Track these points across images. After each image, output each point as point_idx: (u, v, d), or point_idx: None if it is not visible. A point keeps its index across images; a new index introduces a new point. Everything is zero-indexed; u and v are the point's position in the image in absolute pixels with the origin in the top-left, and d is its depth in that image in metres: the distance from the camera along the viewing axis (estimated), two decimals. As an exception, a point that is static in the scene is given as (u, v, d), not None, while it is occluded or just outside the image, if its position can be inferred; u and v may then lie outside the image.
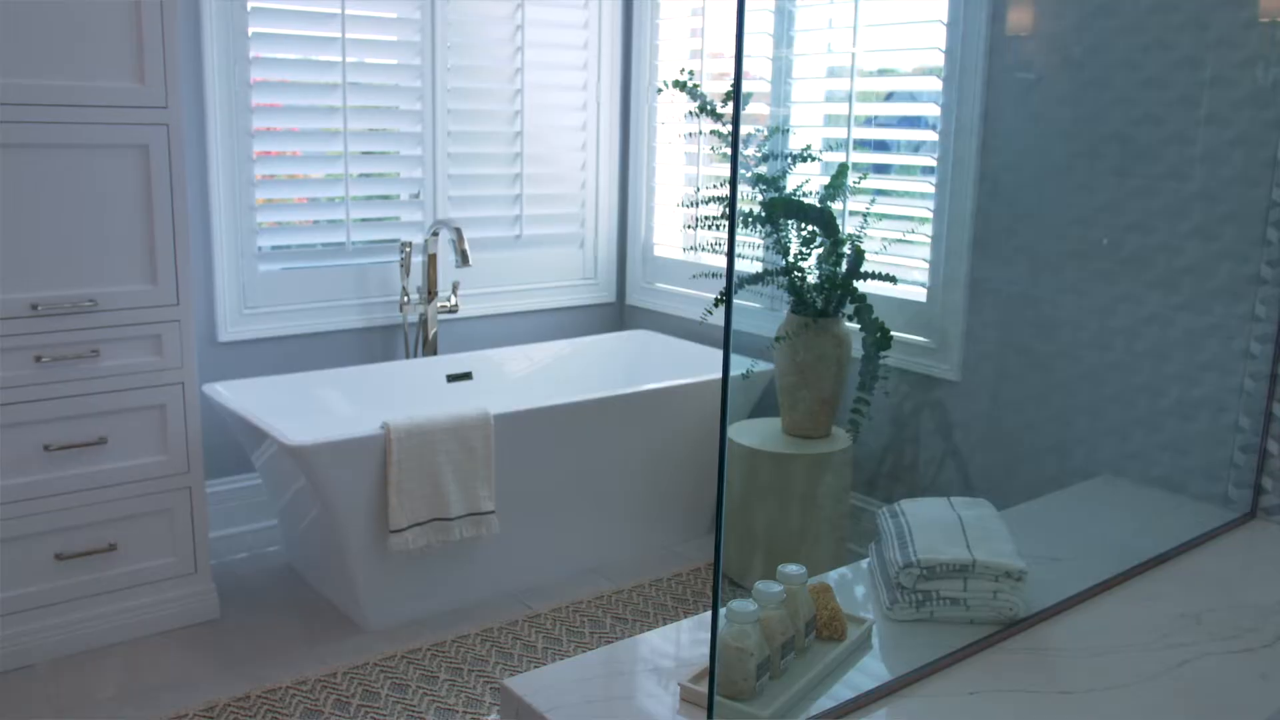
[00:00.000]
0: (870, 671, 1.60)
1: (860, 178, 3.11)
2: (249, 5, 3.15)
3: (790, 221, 2.98)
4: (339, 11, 3.29)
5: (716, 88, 3.58)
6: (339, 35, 3.30)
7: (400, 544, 2.70)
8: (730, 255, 1.15)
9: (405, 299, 3.47)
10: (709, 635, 1.80)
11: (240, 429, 2.90)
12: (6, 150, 2.41)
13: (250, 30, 3.16)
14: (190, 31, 3.06)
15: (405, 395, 3.36)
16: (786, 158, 3.12)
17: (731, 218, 1.12)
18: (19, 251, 2.46)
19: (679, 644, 1.79)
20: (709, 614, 1.94)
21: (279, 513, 3.14)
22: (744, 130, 3.26)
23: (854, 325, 2.95)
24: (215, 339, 3.24)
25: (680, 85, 3.09)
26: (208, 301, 3.22)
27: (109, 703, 2.45)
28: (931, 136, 3.03)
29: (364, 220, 3.49)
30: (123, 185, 2.56)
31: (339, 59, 3.31)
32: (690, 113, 3.19)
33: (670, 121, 3.87)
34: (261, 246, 3.31)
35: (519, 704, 1.49)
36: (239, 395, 2.97)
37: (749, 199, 3.08)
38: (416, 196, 3.58)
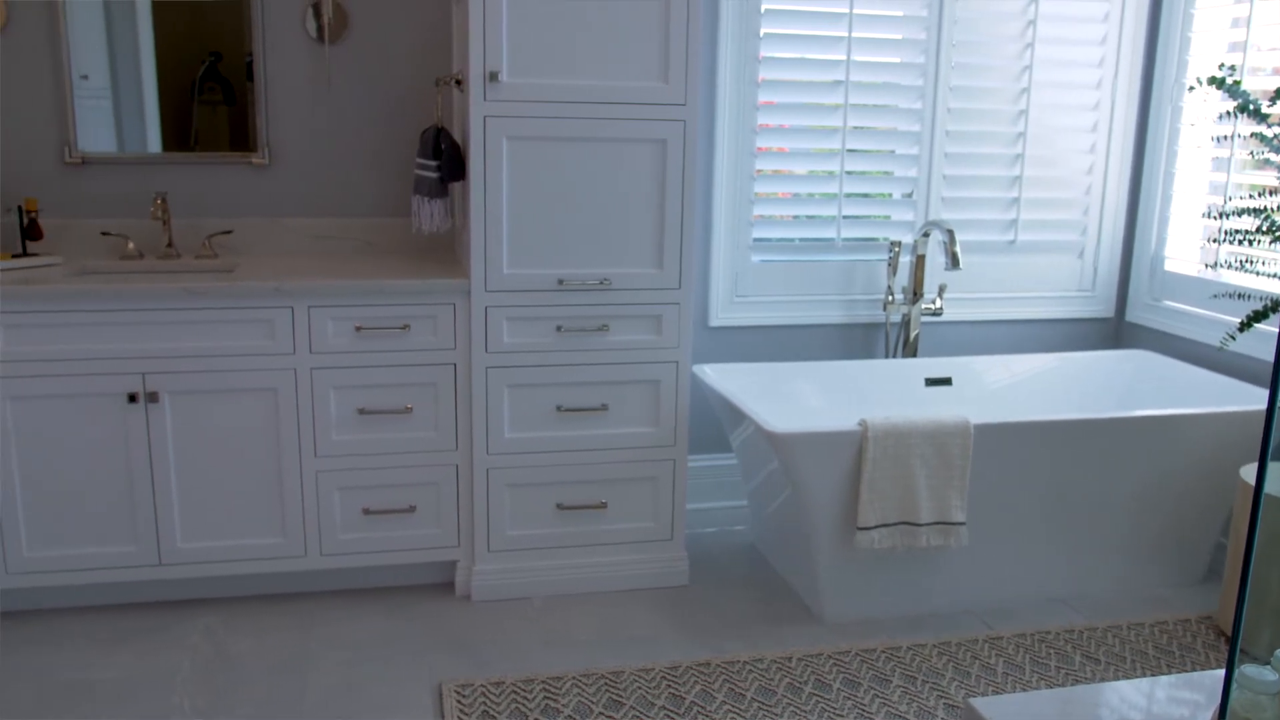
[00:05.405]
0: None
1: None
2: (762, 7, 3.29)
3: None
4: (847, 11, 3.33)
5: (1259, 84, 3.17)
6: (845, 35, 3.35)
7: (866, 541, 2.70)
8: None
9: (889, 298, 3.46)
10: (1197, 696, 1.61)
11: (723, 410, 3.06)
12: (548, 143, 2.72)
13: (762, 31, 3.31)
14: (708, 34, 3.26)
15: (880, 394, 3.35)
16: (1346, 165, 2.69)
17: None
18: (552, 231, 2.77)
19: (1153, 699, 1.62)
20: (1201, 673, 1.73)
21: (749, 494, 3.27)
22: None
23: None
24: (706, 323, 3.44)
25: (1218, 82, 2.77)
26: (702, 287, 3.42)
27: (587, 644, 2.70)
28: None
29: (853, 217, 3.51)
30: (639, 176, 2.79)
31: (843, 58, 3.36)
32: (1226, 113, 2.86)
33: (1200, 123, 3.49)
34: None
35: (985, 727, 1.43)
36: (724, 378, 3.13)
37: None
38: (909, 196, 3.54)
